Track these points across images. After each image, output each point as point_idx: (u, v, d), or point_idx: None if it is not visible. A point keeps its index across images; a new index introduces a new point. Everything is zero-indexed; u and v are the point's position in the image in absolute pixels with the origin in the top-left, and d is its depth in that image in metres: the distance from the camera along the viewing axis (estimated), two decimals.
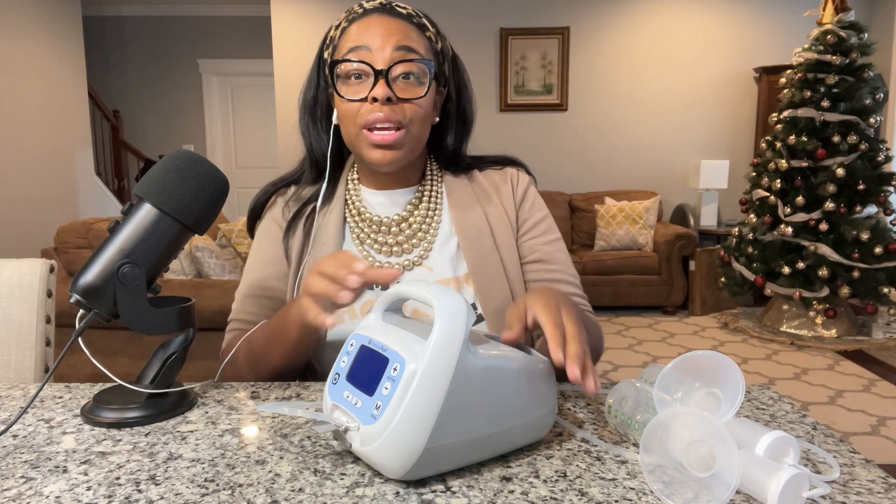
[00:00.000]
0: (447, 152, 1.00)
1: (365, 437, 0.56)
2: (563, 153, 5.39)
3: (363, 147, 0.88)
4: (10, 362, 1.05)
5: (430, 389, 0.55)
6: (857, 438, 2.55)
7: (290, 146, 5.34)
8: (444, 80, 0.95)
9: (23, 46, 4.66)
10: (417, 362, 0.55)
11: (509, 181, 1.01)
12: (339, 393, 0.61)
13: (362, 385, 0.59)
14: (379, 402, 0.56)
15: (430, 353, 0.55)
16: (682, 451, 0.54)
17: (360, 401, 0.58)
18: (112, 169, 6.19)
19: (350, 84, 0.87)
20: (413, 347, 0.57)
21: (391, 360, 0.57)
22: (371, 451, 0.56)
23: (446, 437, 0.56)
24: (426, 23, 0.91)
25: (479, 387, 0.58)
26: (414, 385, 0.54)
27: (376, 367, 0.58)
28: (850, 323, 3.90)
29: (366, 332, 0.63)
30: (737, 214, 5.28)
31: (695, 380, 0.59)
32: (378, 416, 0.55)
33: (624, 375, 3.31)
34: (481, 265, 0.93)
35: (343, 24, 0.90)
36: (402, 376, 0.55)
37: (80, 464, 0.61)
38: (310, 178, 0.99)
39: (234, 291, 1.01)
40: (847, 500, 0.54)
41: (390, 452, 0.54)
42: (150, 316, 0.72)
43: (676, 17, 5.21)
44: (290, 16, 5.22)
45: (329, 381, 0.63)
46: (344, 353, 0.64)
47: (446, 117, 0.98)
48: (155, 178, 0.72)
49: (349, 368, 0.61)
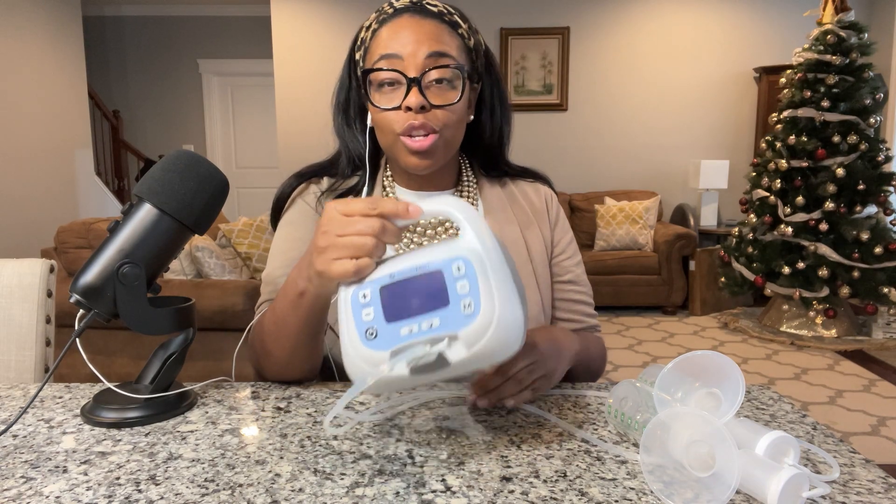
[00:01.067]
0: (485, 151, 1.00)
1: (470, 337, 0.57)
2: (563, 153, 5.39)
3: (400, 153, 0.88)
4: (10, 362, 1.05)
5: (500, 264, 0.59)
6: (857, 438, 2.55)
7: (290, 146, 5.34)
8: (477, 77, 0.94)
9: (23, 46, 4.66)
10: (476, 251, 0.59)
11: (544, 201, 1.03)
12: (391, 337, 0.58)
13: (421, 309, 0.58)
14: (467, 301, 0.57)
15: (479, 240, 0.59)
16: (681, 450, 0.54)
17: (437, 319, 0.57)
18: (112, 169, 6.18)
19: (383, 92, 0.86)
20: (453, 247, 0.60)
21: (445, 267, 0.59)
22: (485, 344, 0.57)
23: (523, 302, 0.61)
24: (458, 19, 0.90)
25: (507, 257, 0.62)
26: (489, 267, 0.58)
27: (428, 285, 0.59)
28: (850, 323, 3.90)
29: (370, 278, 0.61)
30: (737, 214, 5.28)
31: (695, 380, 0.59)
32: (475, 311, 0.57)
33: (624, 375, 3.31)
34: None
35: (374, 26, 0.89)
36: (472, 268, 0.58)
37: (80, 464, 0.61)
38: (347, 172, 0.98)
39: (234, 291, 1.01)
40: (847, 500, 0.54)
41: (504, 333, 0.57)
42: (150, 316, 0.72)
43: (676, 17, 5.21)
44: (290, 16, 5.22)
45: (359, 341, 0.59)
46: (358, 307, 0.60)
47: (481, 114, 0.97)
48: (155, 178, 0.72)
49: (384, 311, 0.59)
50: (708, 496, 0.52)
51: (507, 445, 0.65)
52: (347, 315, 0.60)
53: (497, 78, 0.98)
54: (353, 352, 0.59)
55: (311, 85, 5.22)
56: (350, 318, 0.60)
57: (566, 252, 1.02)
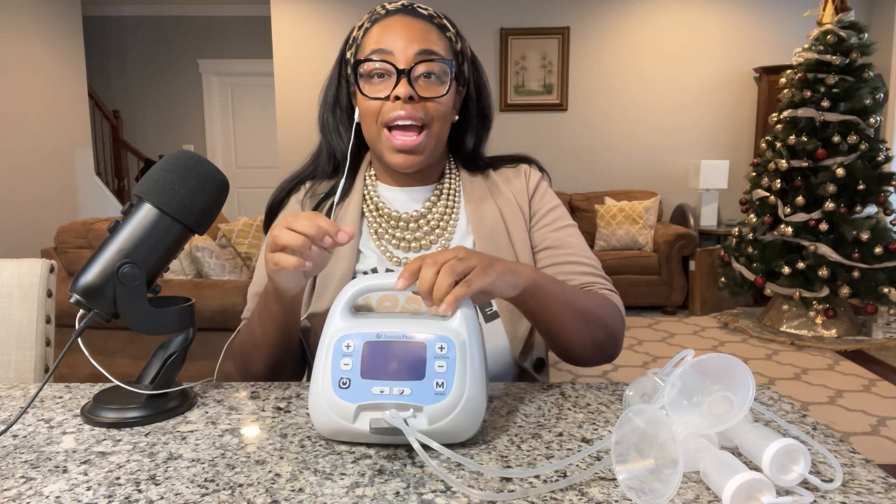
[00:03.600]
0: (466, 151, 1.02)
1: (434, 414, 0.61)
2: (563, 153, 5.39)
3: (384, 149, 0.90)
4: (10, 362, 1.05)
5: (479, 354, 0.64)
6: (857, 438, 2.55)
7: (290, 146, 5.34)
8: (463, 80, 0.97)
9: (23, 46, 4.66)
10: (461, 336, 0.63)
11: (522, 175, 1.03)
12: (363, 392, 0.61)
13: (396, 375, 0.61)
14: (440, 380, 0.61)
15: (467, 326, 0.64)
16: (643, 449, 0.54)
17: (408, 388, 0.61)
18: (112, 169, 6.18)
19: (373, 83, 0.89)
20: (442, 326, 0.64)
21: (430, 343, 0.63)
22: (446, 425, 0.61)
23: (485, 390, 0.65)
24: (446, 24, 0.93)
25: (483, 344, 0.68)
26: (468, 356, 0.63)
27: (409, 354, 0.62)
28: (850, 323, 3.90)
29: (358, 330, 0.64)
30: (737, 214, 5.28)
31: (713, 383, 0.58)
32: (446, 392, 0.61)
33: (624, 375, 3.31)
34: None
35: (366, 25, 0.92)
36: (454, 352, 0.62)
37: (80, 464, 0.61)
38: (326, 173, 1.00)
39: (234, 291, 1.02)
40: (847, 500, 0.54)
41: (466, 418, 0.62)
42: (150, 316, 0.72)
43: (676, 17, 5.21)
44: (290, 16, 5.22)
45: (331, 386, 0.62)
46: (339, 354, 0.63)
47: (465, 117, 1.00)
48: (155, 178, 0.72)
49: (362, 366, 0.62)
50: (659, 485, 0.52)
51: (507, 445, 0.65)
52: (327, 360, 0.64)
53: (482, 84, 1.00)
54: (322, 396, 0.63)
55: (311, 85, 5.22)
56: (329, 362, 0.63)
57: (544, 220, 0.99)
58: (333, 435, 0.64)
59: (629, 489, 0.54)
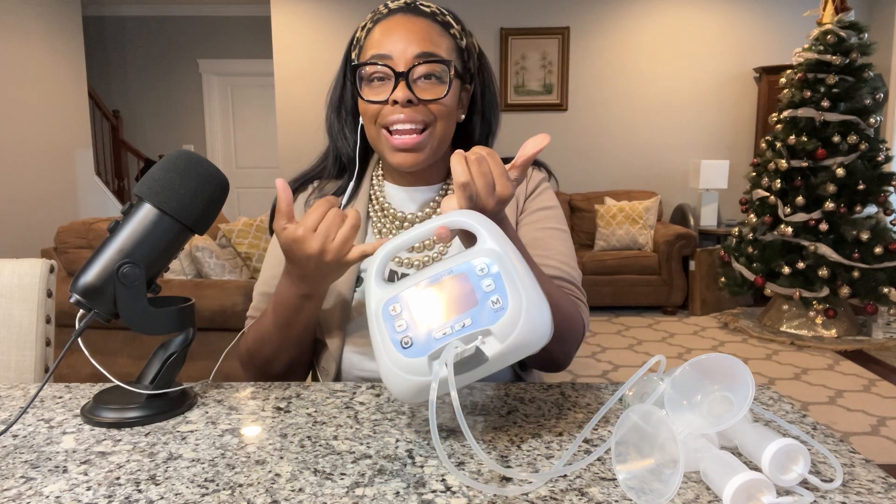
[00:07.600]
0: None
1: (502, 331, 0.59)
2: (563, 153, 5.39)
3: (385, 149, 0.90)
4: (10, 362, 1.05)
5: (518, 261, 0.63)
6: (857, 438, 2.55)
7: (290, 146, 5.34)
8: (469, 77, 0.95)
9: (23, 46, 4.66)
10: (495, 251, 0.62)
11: (526, 179, 1.02)
12: (427, 342, 0.60)
13: (451, 312, 0.61)
14: (494, 298, 0.60)
15: (493, 238, 0.63)
16: (644, 450, 0.54)
17: (468, 318, 0.60)
18: (112, 169, 6.18)
19: (372, 86, 0.88)
20: (471, 252, 0.63)
21: (469, 269, 0.62)
22: (516, 336, 0.60)
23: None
24: (450, 20, 0.92)
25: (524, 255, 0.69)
26: (512, 264, 0.62)
27: (455, 288, 0.62)
28: (850, 323, 3.90)
29: (396, 292, 0.64)
30: (737, 214, 5.28)
31: (713, 383, 0.58)
32: (503, 306, 0.60)
33: (624, 375, 3.31)
34: None
35: (368, 25, 0.91)
36: (496, 267, 0.62)
37: (80, 464, 0.61)
38: (333, 174, 1.01)
39: (234, 291, 1.02)
40: (847, 499, 0.54)
41: (534, 323, 0.60)
42: (150, 316, 0.72)
43: (676, 17, 5.21)
44: (290, 16, 5.22)
45: (396, 352, 0.61)
46: (389, 319, 0.63)
47: (472, 115, 0.98)
48: (155, 178, 0.72)
49: (415, 320, 0.62)
50: (661, 484, 0.52)
51: (507, 445, 0.65)
52: (381, 328, 0.63)
53: (489, 81, 0.99)
54: (390, 363, 0.61)
55: (311, 85, 5.22)
56: (384, 331, 0.63)
57: (531, 218, 0.98)
58: (420, 396, 0.62)
59: (629, 489, 0.54)
